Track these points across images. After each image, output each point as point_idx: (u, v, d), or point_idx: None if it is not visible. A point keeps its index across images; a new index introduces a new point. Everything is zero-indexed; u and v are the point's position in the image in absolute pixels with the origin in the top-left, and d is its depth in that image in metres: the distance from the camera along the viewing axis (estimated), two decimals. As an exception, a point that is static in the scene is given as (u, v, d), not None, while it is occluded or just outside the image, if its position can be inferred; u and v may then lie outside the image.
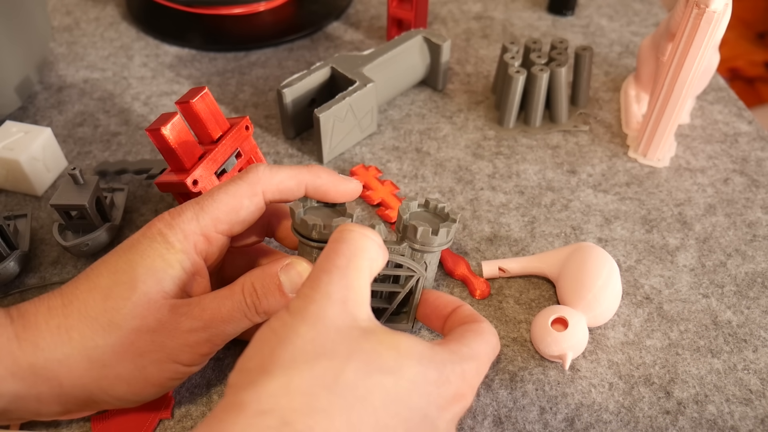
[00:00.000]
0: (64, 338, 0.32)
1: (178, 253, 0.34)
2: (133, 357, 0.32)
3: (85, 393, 0.33)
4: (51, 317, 0.32)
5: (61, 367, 0.32)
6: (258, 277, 0.34)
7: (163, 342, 0.33)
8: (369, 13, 0.70)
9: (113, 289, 0.33)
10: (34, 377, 0.32)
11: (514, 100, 0.54)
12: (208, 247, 0.35)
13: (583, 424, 0.38)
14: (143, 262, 0.33)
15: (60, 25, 0.67)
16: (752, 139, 0.56)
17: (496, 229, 0.48)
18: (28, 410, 0.33)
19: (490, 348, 0.33)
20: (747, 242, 0.48)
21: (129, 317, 0.32)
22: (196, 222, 0.34)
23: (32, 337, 0.32)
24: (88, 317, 0.32)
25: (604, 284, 0.41)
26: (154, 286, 0.33)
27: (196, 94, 0.42)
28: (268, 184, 0.36)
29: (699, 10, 0.43)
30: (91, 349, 0.32)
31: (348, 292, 0.29)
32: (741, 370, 0.41)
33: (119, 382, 0.33)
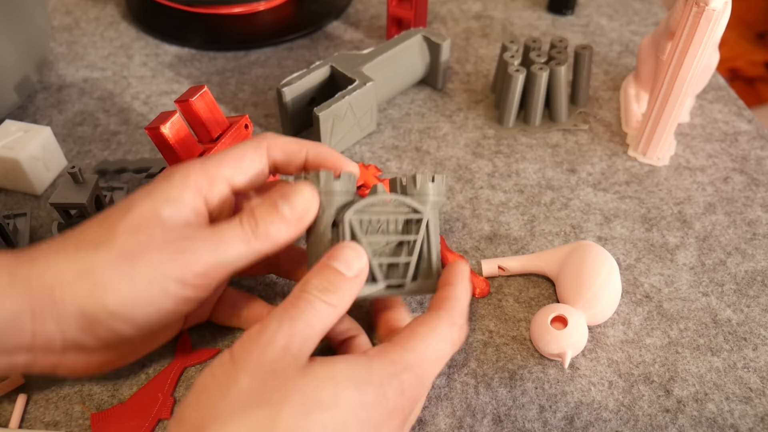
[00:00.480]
0: (59, 250, 0.32)
1: (178, 186, 0.34)
2: (123, 268, 0.32)
3: (77, 305, 0.32)
4: (51, 243, 0.33)
5: (54, 278, 0.32)
6: (257, 204, 0.35)
7: (152, 254, 0.32)
8: (369, 12, 0.70)
9: (110, 214, 0.34)
10: (29, 289, 0.31)
11: (514, 99, 0.54)
12: (209, 188, 0.35)
13: (583, 422, 0.38)
14: (141, 192, 0.34)
15: (60, 25, 0.67)
16: (752, 138, 0.56)
17: (496, 228, 0.48)
18: (24, 330, 0.32)
19: (443, 342, 0.33)
20: (747, 241, 0.48)
21: (121, 231, 0.32)
22: (200, 164, 0.35)
23: (30, 254, 0.33)
24: (84, 238, 0.33)
25: (603, 283, 0.41)
26: (149, 206, 0.33)
27: (195, 92, 0.42)
28: (273, 143, 0.37)
29: (699, 9, 0.43)
30: (82, 259, 0.32)
31: (292, 339, 0.30)
32: (741, 368, 0.41)
33: (110, 292, 0.32)
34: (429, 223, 0.37)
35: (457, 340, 0.34)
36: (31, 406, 0.38)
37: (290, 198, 0.34)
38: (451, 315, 0.34)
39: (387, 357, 0.31)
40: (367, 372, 0.30)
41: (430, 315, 0.34)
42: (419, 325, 0.33)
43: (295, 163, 0.38)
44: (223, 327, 0.42)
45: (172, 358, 0.40)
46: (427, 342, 0.32)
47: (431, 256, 0.37)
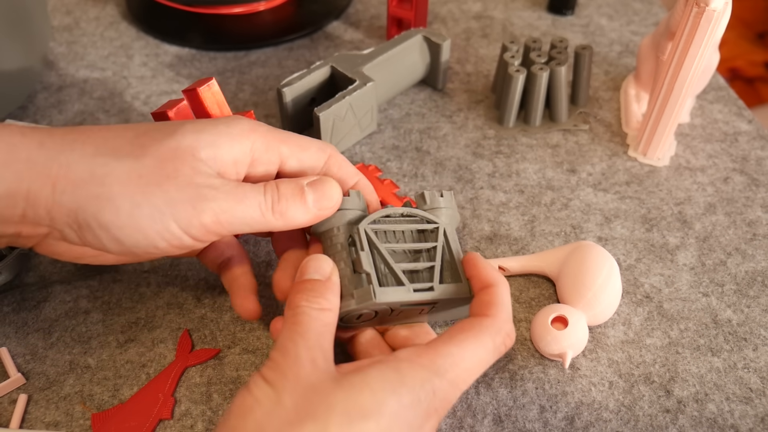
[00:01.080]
0: (76, 147, 0.31)
1: (233, 135, 0.34)
2: (133, 190, 0.31)
3: (74, 205, 0.31)
4: (69, 132, 0.32)
5: (60, 169, 0.30)
6: (284, 180, 0.34)
7: (170, 189, 0.31)
8: (369, 12, 0.70)
9: (150, 132, 0.32)
10: (29, 170, 0.30)
11: (514, 100, 0.54)
12: (262, 154, 0.35)
13: (583, 422, 0.38)
14: (194, 124, 0.33)
15: (60, 25, 0.67)
16: (752, 138, 0.56)
17: (496, 228, 0.48)
18: (15, 209, 0.31)
19: (484, 350, 0.32)
20: (747, 241, 0.48)
21: (150, 154, 0.31)
22: (266, 128, 0.35)
23: (39, 136, 0.31)
24: (111, 142, 0.31)
25: (604, 283, 0.41)
26: (191, 142, 0.32)
27: (203, 83, 0.42)
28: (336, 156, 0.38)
29: (699, 9, 0.43)
30: (98, 165, 0.31)
31: (313, 352, 0.31)
32: (741, 368, 0.41)
33: (110, 207, 0.31)
34: (446, 230, 0.37)
35: (501, 347, 0.32)
36: (31, 406, 0.38)
37: (317, 187, 0.35)
38: (497, 322, 0.33)
39: (417, 361, 0.31)
40: (399, 376, 0.30)
41: (473, 321, 0.33)
42: (459, 331, 0.32)
43: (344, 185, 0.38)
44: (224, 327, 0.42)
45: (172, 358, 0.40)
46: (465, 348, 0.31)
47: (455, 263, 0.37)
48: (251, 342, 0.41)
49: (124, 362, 0.40)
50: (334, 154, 0.37)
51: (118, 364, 0.40)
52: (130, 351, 0.41)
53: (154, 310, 0.43)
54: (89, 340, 0.41)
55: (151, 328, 0.42)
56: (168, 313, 0.43)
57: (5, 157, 0.30)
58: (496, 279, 0.34)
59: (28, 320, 0.42)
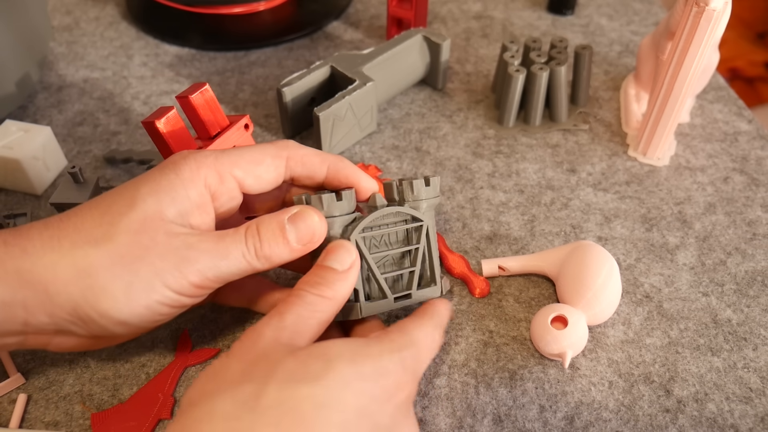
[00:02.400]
0: (54, 245, 0.31)
1: (185, 180, 0.33)
2: (120, 271, 0.31)
3: (71, 303, 0.31)
4: (44, 229, 0.32)
5: (47, 272, 0.31)
6: (264, 222, 0.34)
7: (154, 261, 0.32)
8: (369, 12, 0.70)
9: (111, 206, 0.33)
10: (20, 281, 0.31)
11: (514, 99, 0.54)
12: (218, 185, 0.34)
13: (583, 422, 0.38)
14: (147, 184, 0.33)
15: (60, 25, 0.67)
16: (752, 138, 0.56)
17: (496, 228, 0.48)
18: (16, 319, 0.31)
19: (430, 328, 0.34)
20: (747, 241, 0.48)
21: (123, 231, 0.32)
22: (213, 158, 0.34)
23: (21, 243, 0.31)
24: (83, 229, 0.32)
25: (603, 283, 0.40)
26: (154, 204, 0.32)
27: (196, 89, 0.42)
28: (295, 153, 0.37)
29: (699, 9, 0.43)
30: (79, 258, 0.31)
31: (282, 331, 0.31)
32: (741, 368, 0.41)
33: (104, 295, 0.31)
34: (428, 229, 0.38)
35: (438, 340, 0.34)
36: (31, 406, 0.38)
37: (297, 224, 0.34)
38: (434, 319, 0.35)
39: (386, 336, 0.32)
40: (365, 348, 0.30)
41: (417, 315, 0.35)
42: (409, 320, 0.34)
43: (316, 178, 0.37)
44: (224, 327, 0.42)
45: (172, 358, 0.40)
46: (421, 329, 0.33)
47: (433, 262, 0.38)
48: (251, 342, 0.41)
49: (123, 362, 0.40)
50: (293, 155, 0.36)
51: (117, 364, 0.40)
52: (129, 351, 0.41)
53: (154, 310, 0.43)
54: (89, 339, 0.41)
55: (151, 328, 0.42)
56: (168, 313, 0.43)
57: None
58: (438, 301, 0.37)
59: (27, 320, 0.42)
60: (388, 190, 0.39)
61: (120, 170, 0.52)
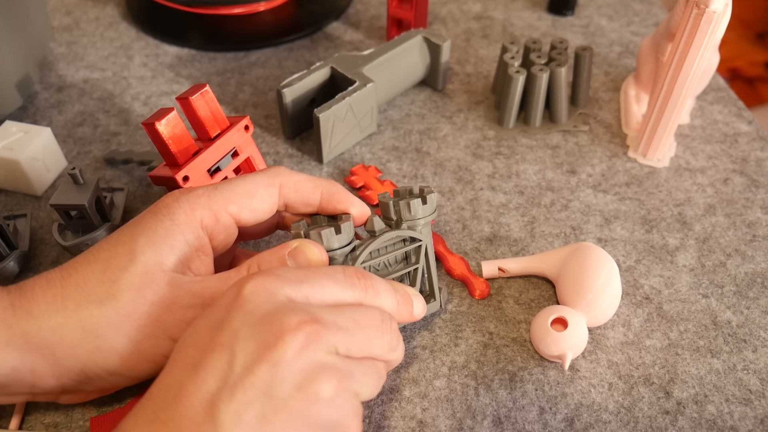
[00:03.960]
0: (59, 306, 0.32)
1: (181, 225, 0.33)
2: (127, 329, 0.32)
3: (79, 365, 0.32)
4: (48, 288, 0.32)
5: (54, 335, 0.31)
6: (265, 259, 0.34)
7: (160, 316, 0.32)
8: (369, 13, 0.70)
9: (111, 261, 0.33)
10: (27, 345, 0.31)
11: (514, 100, 0.54)
12: (214, 225, 0.34)
13: (583, 424, 0.38)
14: (144, 233, 0.33)
15: (60, 25, 0.67)
16: (752, 139, 0.56)
17: (496, 229, 0.48)
18: (23, 383, 0.32)
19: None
20: (747, 242, 0.48)
21: (125, 288, 0.32)
22: (206, 198, 0.34)
23: (27, 305, 0.32)
24: (85, 288, 0.32)
25: (603, 284, 0.41)
26: (153, 256, 0.32)
27: (197, 91, 0.42)
28: (287, 180, 0.36)
29: (699, 10, 0.43)
30: (85, 319, 0.31)
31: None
32: (740, 370, 0.41)
33: (112, 355, 0.32)
34: (427, 248, 0.38)
35: None
36: (31, 407, 0.38)
37: (298, 258, 0.34)
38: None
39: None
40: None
41: None
42: None
43: (309, 205, 0.37)
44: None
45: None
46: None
47: (432, 278, 0.39)
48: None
49: (123, 363, 0.40)
50: (285, 182, 0.36)
51: (117, 365, 0.40)
52: (129, 352, 0.41)
53: (154, 311, 0.43)
54: (89, 341, 0.41)
55: (151, 329, 0.42)
56: (168, 314, 0.43)
57: (5, 335, 0.31)
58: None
59: (27, 321, 0.42)
60: (385, 210, 0.39)
61: (120, 171, 0.52)
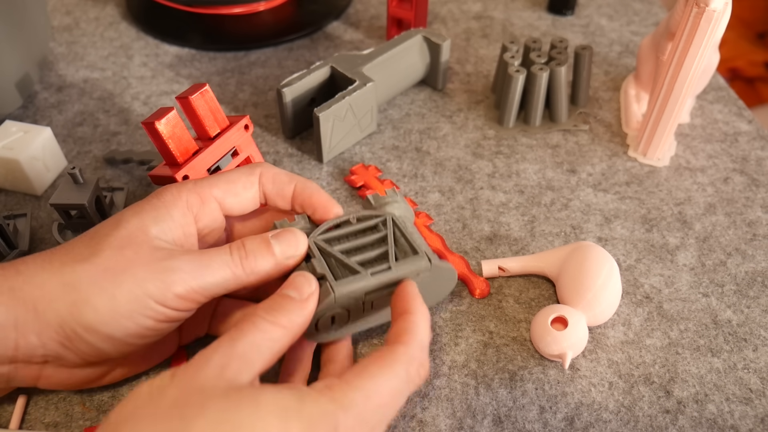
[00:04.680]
0: (45, 266, 0.33)
1: (167, 202, 0.35)
2: (104, 284, 0.32)
3: (58, 320, 0.32)
4: (39, 255, 0.34)
5: (36, 289, 0.32)
6: (249, 237, 0.36)
7: (136, 272, 0.32)
8: (369, 12, 0.70)
9: (99, 230, 0.35)
10: (12, 299, 0.32)
11: (514, 100, 0.54)
12: (200, 207, 0.36)
13: (583, 423, 0.38)
14: (132, 209, 0.35)
15: (60, 25, 0.67)
16: (752, 139, 0.56)
17: (496, 229, 0.48)
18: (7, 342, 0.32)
19: (397, 381, 0.30)
20: (747, 241, 0.48)
21: (107, 247, 0.33)
22: (192, 184, 0.36)
23: (15, 265, 0.33)
24: (72, 252, 0.34)
25: (603, 283, 0.40)
26: (138, 225, 0.34)
27: (196, 90, 0.42)
28: (266, 171, 0.38)
29: (699, 9, 0.43)
30: (66, 274, 0.33)
31: (230, 360, 0.29)
32: (741, 369, 0.41)
33: (88, 308, 0.32)
34: (394, 219, 0.38)
35: (415, 378, 0.31)
36: (31, 407, 0.38)
37: (282, 238, 0.36)
38: (409, 350, 0.31)
39: (326, 393, 0.29)
40: (298, 404, 0.28)
41: (386, 350, 0.31)
42: (372, 361, 0.31)
43: (284, 195, 0.39)
44: (224, 328, 0.42)
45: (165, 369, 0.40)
46: (377, 381, 0.30)
47: (413, 241, 0.37)
48: (251, 342, 0.41)
49: (123, 363, 0.40)
50: (264, 171, 0.38)
51: (117, 365, 0.40)
52: (129, 351, 0.41)
53: (154, 311, 0.43)
54: (89, 340, 0.41)
55: (151, 329, 0.42)
56: (168, 314, 0.43)
57: None
58: (414, 307, 0.33)
59: (27, 321, 0.42)
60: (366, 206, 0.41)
61: (120, 171, 0.52)
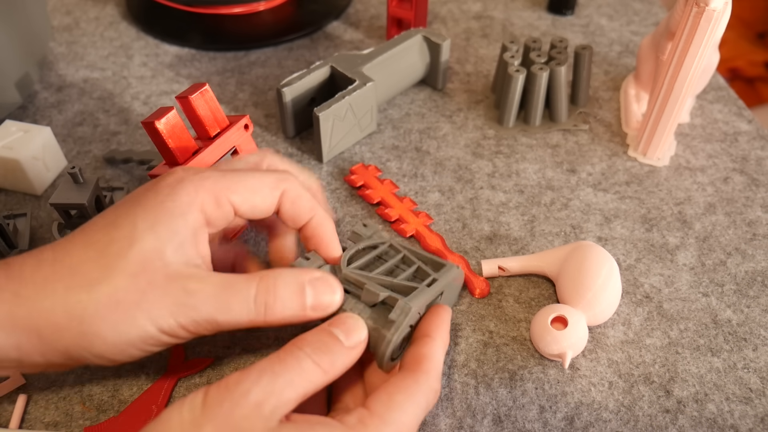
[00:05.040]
0: (48, 291, 0.31)
1: (183, 206, 0.32)
2: (114, 319, 0.31)
3: (64, 346, 0.31)
4: (38, 269, 0.31)
5: (40, 318, 0.30)
6: (283, 277, 0.33)
7: (150, 307, 0.31)
8: (369, 12, 0.70)
9: (109, 246, 0.31)
10: (13, 327, 0.30)
11: (514, 99, 0.54)
12: (214, 210, 0.33)
13: (583, 422, 0.38)
14: (144, 216, 0.32)
15: (60, 25, 0.67)
16: (752, 138, 0.56)
17: (496, 228, 0.48)
18: (9, 359, 0.31)
19: (420, 410, 0.31)
20: (747, 241, 0.48)
21: (119, 274, 0.31)
22: (212, 182, 0.33)
23: (13, 287, 0.31)
24: (78, 272, 0.31)
25: (603, 283, 0.40)
26: (152, 242, 0.31)
27: (196, 90, 0.42)
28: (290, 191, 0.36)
29: (699, 9, 0.43)
30: (72, 304, 0.30)
31: (269, 396, 0.28)
32: (741, 368, 0.41)
33: (98, 341, 0.31)
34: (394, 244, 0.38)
35: (431, 405, 0.32)
36: (31, 407, 0.38)
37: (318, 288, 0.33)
38: (429, 379, 0.32)
39: (363, 426, 0.29)
40: None
41: (409, 379, 0.32)
42: (398, 391, 0.31)
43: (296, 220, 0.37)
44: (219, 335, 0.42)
45: (165, 368, 0.40)
46: (405, 412, 0.30)
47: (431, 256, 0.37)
48: (250, 342, 0.41)
49: (123, 362, 0.40)
50: (288, 190, 0.36)
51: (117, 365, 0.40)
52: (129, 351, 0.41)
53: (154, 310, 0.43)
54: (89, 340, 0.41)
55: (151, 328, 0.42)
56: (168, 313, 0.43)
57: None
58: (439, 333, 0.34)
59: (27, 320, 0.42)
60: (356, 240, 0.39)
61: (120, 170, 0.52)
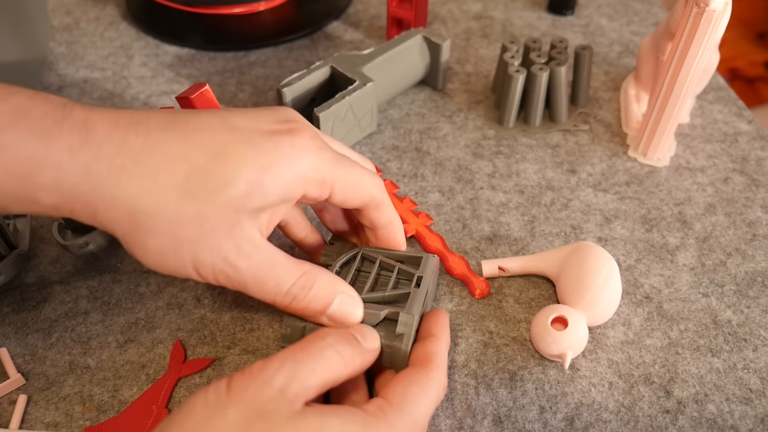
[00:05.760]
0: (121, 180, 0.29)
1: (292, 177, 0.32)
2: (165, 240, 0.30)
3: (111, 230, 0.31)
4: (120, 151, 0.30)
5: (102, 202, 0.29)
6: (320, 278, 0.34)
7: (199, 249, 0.30)
8: (369, 12, 0.70)
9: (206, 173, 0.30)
10: (73, 198, 0.29)
11: (514, 100, 0.54)
12: (314, 191, 0.33)
13: (583, 423, 0.38)
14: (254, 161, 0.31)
15: (60, 25, 0.67)
16: (752, 139, 0.56)
17: (496, 229, 0.48)
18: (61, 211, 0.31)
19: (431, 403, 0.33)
20: (747, 241, 0.48)
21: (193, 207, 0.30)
22: (328, 164, 0.33)
23: (87, 159, 0.29)
24: (157, 181, 0.30)
25: (603, 283, 0.40)
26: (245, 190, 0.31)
27: (197, 90, 0.42)
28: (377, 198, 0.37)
29: (699, 9, 0.43)
30: (136, 212, 0.30)
31: (292, 382, 0.29)
32: (741, 369, 0.41)
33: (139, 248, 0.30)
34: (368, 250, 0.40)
35: (441, 399, 0.34)
36: (31, 407, 0.38)
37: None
38: (439, 374, 0.34)
39: (383, 419, 0.30)
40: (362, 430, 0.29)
41: (421, 373, 0.33)
42: (412, 384, 0.32)
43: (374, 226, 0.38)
44: (223, 328, 0.42)
45: (165, 368, 0.40)
46: (419, 404, 0.32)
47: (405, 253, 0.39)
48: (251, 342, 0.41)
49: (123, 363, 0.40)
50: (375, 195, 0.36)
51: (117, 365, 0.40)
52: (129, 351, 0.41)
53: (154, 311, 0.43)
54: (89, 340, 0.41)
55: (151, 329, 0.42)
56: (168, 314, 0.43)
57: (53, 176, 0.29)
58: (444, 334, 0.36)
59: (27, 321, 0.42)
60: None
61: (120, 171, 0.52)
